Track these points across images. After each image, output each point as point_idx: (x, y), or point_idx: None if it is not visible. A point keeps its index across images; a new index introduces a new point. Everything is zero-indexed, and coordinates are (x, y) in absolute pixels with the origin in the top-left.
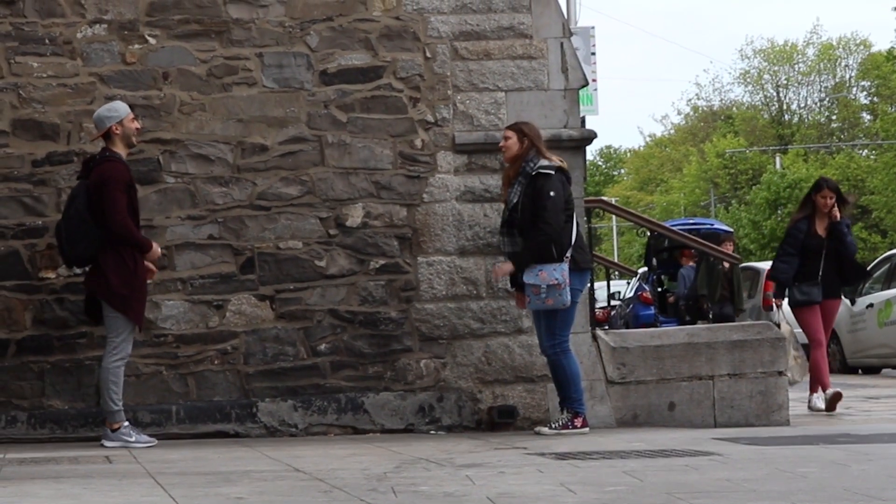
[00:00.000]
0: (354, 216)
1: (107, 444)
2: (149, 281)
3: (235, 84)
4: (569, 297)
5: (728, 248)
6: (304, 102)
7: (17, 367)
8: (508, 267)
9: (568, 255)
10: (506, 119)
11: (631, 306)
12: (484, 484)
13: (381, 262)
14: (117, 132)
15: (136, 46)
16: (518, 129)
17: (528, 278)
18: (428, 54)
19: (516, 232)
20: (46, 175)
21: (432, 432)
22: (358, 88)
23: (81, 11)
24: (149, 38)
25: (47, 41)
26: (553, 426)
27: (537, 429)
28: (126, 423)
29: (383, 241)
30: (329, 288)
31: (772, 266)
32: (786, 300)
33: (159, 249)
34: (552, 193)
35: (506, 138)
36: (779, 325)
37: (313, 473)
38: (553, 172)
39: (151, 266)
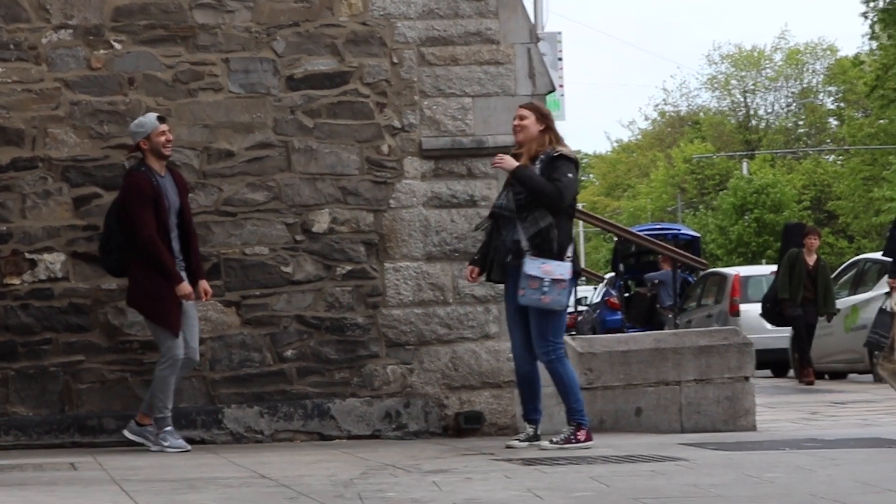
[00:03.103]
0: (321, 222)
1: (127, 434)
2: (189, 302)
3: (201, 89)
4: (567, 300)
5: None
6: (271, 108)
7: None
8: (512, 162)
9: (570, 254)
10: (472, 125)
11: (598, 311)
12: (451, 490)
13: (348, 267)
14: (146, 147)
15: (102, 52)
16: (536, 109)
17: (530, 269)
18: (395, 60)
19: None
20: (11, 181)
21: (399, 438)
22: (324, 94)
23: (46, 17)
24: (114, 43)
25: (12, 46)
26: (555, 440)
27: (509, 443)
28: (168, 428)
29: (350, 246)
30: (295, 294)
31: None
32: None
33: (189, 289)
34: (570, 175)
35: (521, 118)
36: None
37: (279, 480)
38: (573, 161)
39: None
